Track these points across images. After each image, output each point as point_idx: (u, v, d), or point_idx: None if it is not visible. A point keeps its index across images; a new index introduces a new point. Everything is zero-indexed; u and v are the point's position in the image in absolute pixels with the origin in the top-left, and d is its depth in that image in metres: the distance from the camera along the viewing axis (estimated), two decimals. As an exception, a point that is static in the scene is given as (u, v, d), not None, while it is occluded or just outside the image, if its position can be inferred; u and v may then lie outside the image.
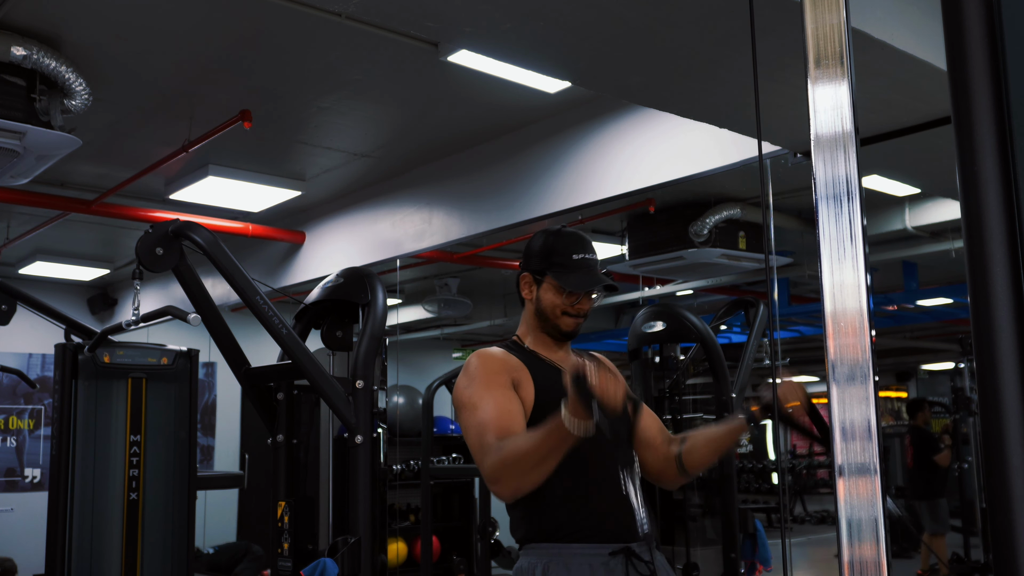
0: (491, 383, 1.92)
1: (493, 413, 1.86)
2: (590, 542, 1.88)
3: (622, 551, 1.89)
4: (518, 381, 1.96)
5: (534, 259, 2.10)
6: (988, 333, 0.82)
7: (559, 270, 2.05)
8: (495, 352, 2.03)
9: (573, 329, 2.07)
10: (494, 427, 1.83)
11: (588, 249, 2.09)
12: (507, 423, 1.85)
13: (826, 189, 0.91)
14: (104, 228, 6.77)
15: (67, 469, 4.02)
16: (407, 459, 7.29)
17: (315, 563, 2.63)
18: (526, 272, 2.11)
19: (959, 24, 0.86)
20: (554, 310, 2.06)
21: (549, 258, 2.07)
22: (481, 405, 1.88)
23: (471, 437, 1.89)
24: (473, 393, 1.92)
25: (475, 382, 1.94)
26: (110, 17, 3.57)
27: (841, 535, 0.88)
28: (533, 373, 1.99)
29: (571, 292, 2.04)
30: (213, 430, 9.16)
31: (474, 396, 1.91)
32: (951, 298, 8.11)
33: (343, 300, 3.16)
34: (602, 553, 1.88)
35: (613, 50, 2.76)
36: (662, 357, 4.62)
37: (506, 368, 1.97)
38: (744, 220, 5.87)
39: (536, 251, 2.10)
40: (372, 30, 3.55)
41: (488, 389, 1.91)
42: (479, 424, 1.86)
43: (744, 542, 4.22)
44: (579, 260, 2.06)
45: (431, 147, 5.20)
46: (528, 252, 2.12)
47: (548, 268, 2.06)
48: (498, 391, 1.91)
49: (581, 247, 2.08)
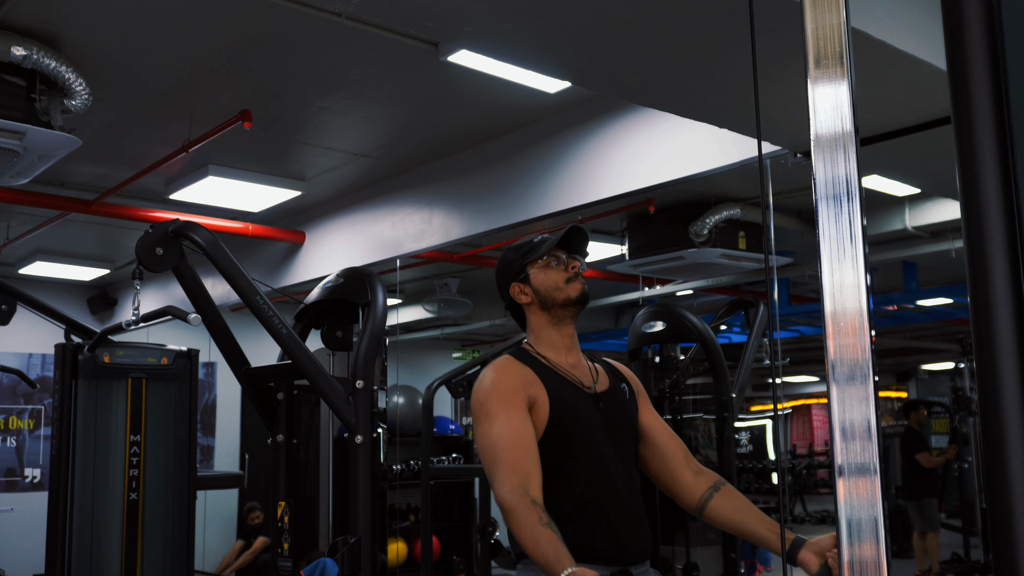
0: (508, 401, 1.94)
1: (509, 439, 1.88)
2: (591, 563, 1.86)
3: (621, 574, 1.91)
4: (534, 398, 1.96)
5: (511, 268, 2.14)
6: (988, 333, 0.82)
7: (532, 254, 2.11)
8: (511, 366, 2.02)
9: (581, 292, 2.09)
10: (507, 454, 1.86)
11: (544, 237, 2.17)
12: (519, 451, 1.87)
13: (826, 189, 0.91)
14: (104, 228, 6.77)
15: (67, 469, 4.02)
16: (407, 459, 7.29)
17: (315, 563, 2.63)
18: (512, 283, 2.13)
19: (959, 24, 0.86)
20: (553, 285, 2.08)
21: (519, 256, 2.13)
22: (496, 424, 1.91)
23: (484, 452, 1.92)
24: (491, 409, 1.93)
25: (492, 396, 1.95)
26: (110, 17, 3.57)
27: (841, 535, 0.88)
28: (548, 389, 1.99)
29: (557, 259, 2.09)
30: (213, 430, 9.16)
31: (491, 411, 1.93)
32: (951, 298, 8.11)
33: (343, 300, 3.15)
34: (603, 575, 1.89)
35: (613, 50, 2.76)
36: (662, 357, 4.62)
37: (523, 384, 1.98)
38: (744, 220, 5.87)
39: (505, 264, 2.16)
40: (372, 30, 3.55)
41: (505, 407, 1.92)
42: (492, 446, 1.89)
43: (744, 542, 4.22)
44: (540, 240, 2.13)
45: (431, 147, 5.20)
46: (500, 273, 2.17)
47: (523, 261, 2.12)
48: (514, 412, 1.92)
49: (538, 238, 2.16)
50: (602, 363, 2.19)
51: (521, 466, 1.84)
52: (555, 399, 1.98)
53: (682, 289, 7.77)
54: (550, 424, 1.95)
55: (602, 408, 2.04)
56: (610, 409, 2.05)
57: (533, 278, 2.10)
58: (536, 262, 2.10)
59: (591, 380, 2.08)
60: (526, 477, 1.83)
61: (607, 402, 2.06)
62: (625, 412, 2.10)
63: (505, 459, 1.85)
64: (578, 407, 2.01)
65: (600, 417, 2.02)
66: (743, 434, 13.76)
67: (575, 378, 2.05)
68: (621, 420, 2.07)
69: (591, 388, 2.06)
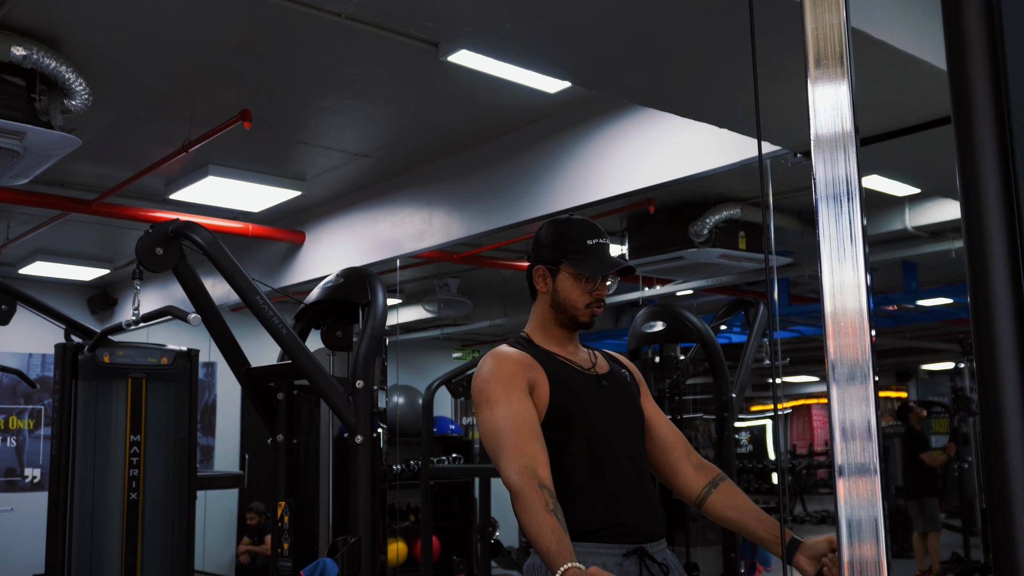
0: (508, 385, 1.90)
1: (511, 421, 1.84)
2: (606, 542, 1.87)
3: (636, 551, 1.88)
4: (534, 381, 1.94)
5: (546, 249, 2.04)
6: (988, 333, 0.82)
7: (575, 256, 2.00)
8: (510, 352, 1.99)
9: (592, 320, 2.04)
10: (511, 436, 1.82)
11: (601, 234, 2.04)
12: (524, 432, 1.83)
13: (826, 189, 0.91)
14: (104, 228, 6.77)
15: (67, 469, 4.02)
16: (407, 459, 7.29)
17: (315, 563, 2.63)
18: (539, 264, 2.05)
19: (959, 24, 0.86)
20: (573, 300, 2.01)
21: (563, 246, 2.02)
22: (498, 408, 1.87)
23: (487, 437, 1.88)
24: (491, 394, 1.89)
25: (491, 382, 1.91)
26: (110, 17, 3.57)
27: (841, 535, 0.88)
28: (548, 372, 1.96)
29: (589, 278, 1.99)
30: (213, 430, 9.16)
31: (491, 397, 1.89)
32: (951, 298, 8.10)
33: (343, 300, 3.15)
34: (616, 553, 1.87)
35: (613, 50, 2.76)
36: (662, 357, 4.62)
37: (522, 368, 1.94)
38: (744, 220, 5.86)
39: (548, 241, 2.05)
40: (372, 30, 3.55)
41: (505, 391, 1.89)
42: (495, 430, 1.85)
43: (744, 542, 4.22)
44: (593, 245, 2.01)
45: (431, 147, 5.20)
46: (539, 243, 2.07)
47: (563, 256, 2.01)
48: (515, 394, 1.88)
49: (594, 232, 2.03)
50: (601, 352, 2.17)
51: (527, 447, 1.80)
52: (555, 381, 1.96)
53: (682, 289, 7.76)
54: (551, 406, 1.93)
55: (605, 387, 2.02)
56: (612, 388, 2.04)
57: (560, 279, 2.03)
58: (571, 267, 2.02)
59: (590, 364, 2.07)
60: (532, 458, 1.78)
61: (609, 381, 2.04)
62: (628, 393, 2.08)
63: (509, 441, 1.81)
64: (578, 387, 1.98)
65: (603, 396, 2.00)
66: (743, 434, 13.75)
67: (574, 363, 2.03)
68: (624, 399, 2.05)
69: (591, 370, 2.05)
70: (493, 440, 1.85)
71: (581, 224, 2.05)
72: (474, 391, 1.95)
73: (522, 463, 1.77)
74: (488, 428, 1.87)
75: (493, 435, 1.85)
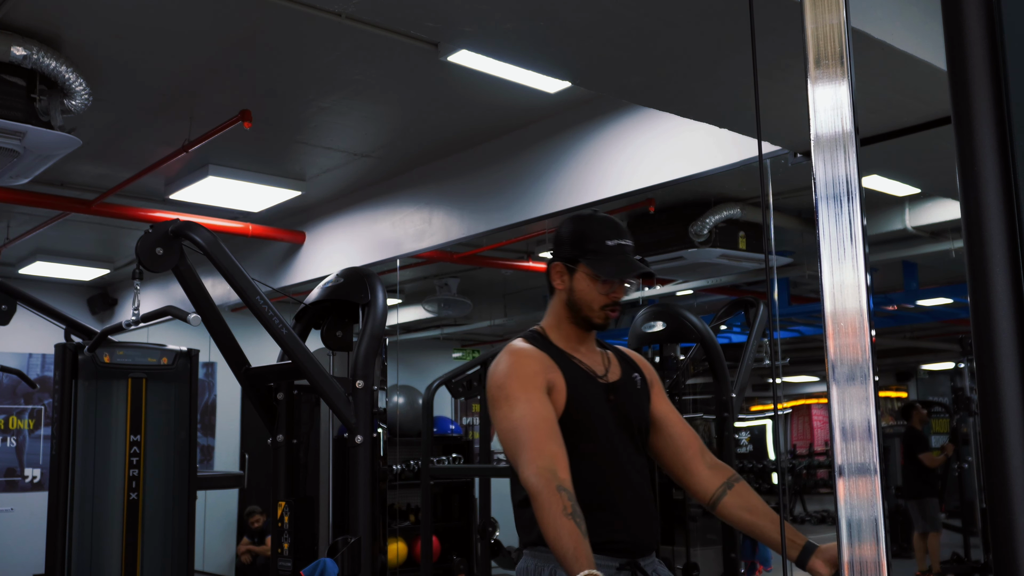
0: (528, 383, 1.87)
1: (530, 420, 1.82)
2: (602, 554, 1.85)
3: (629, 565, 1.89)
4: (552, 383, 1.92)
5: (566, 247, 2.02)
6: (988, 333, 0.82)
7: (593, 257, 1.97)
8: (529, 349, 1.97)
9: (606, 322, 2.01)
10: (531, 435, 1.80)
11: (623, 235, 2.01)
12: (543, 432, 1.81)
13: (826, 189, 0.91)
14: (104, 228, 6.77)
15: (67, 469, 4.02)
16: (407, 459, 7.29)
17: (315, 563, 2.63)
18: (557, 261, 2.03)
19: (959, 24, 0.86)
20: (588, 301, 1.99)
21: (582, 245, 1.99)
22: (517, 406, 1.84)
23: (505, 435, 1.86)
24: (510, 392, 1.87)
25: (510, 379, 1.88)
26: (110, 17, 3.57)
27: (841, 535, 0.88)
28: (566, 375, 1.95)
29: (606, 280, 1.97)
30: (213, 430, 9.16)
31: (511, 394, 1.86)
32: (951, 298, 8.10)
33: (343, 300, 3.15)
34: (611, 566, 1.87)
35: (613, 50, 2.76)
36: (662, 357, 4.62)
37: (543, 368, 1.92)
38: (744, 220, 5.86)
39: (568, 238, 2.02)
40: (372, 30, 3.55)
41: (525, 389, 1.86)
42: (514, 428, 1.83)
43: (744, 542, 4.22)
44: (614, 246, 1.98)
45: (431, 147, 5.20)
46: (559, 239, 2.04)
47: (581, 256, 1.99)
48: (534, 393, 1.86)
49: (615, 233, 2.00)
50: (615, 351, 2.14)
51: (547, 448, 1.77)
52: (572, 387, 1.94)
53: (682, 289, 7.76)
54: (566, 411, 1.91)
55: (612, 400, 2.01)
56: (620, 401, 2.02)
57: (577, 278, 2.00)
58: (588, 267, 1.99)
59: (603, 369, 2.05)
60: (552, 459, 1.76)
61: (618, 394, 2.03)
62: (636, 403, 2.07)
63: (529, 441, 1.78)
64: (591, 397, 1.97)
65: (610, 408, 1.99)
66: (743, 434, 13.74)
67: (588, 367, 2.01)
68: (631, 412, 2.04)
69: (603, 377, 2.03)
70: (512, 439, 1.82)
71: (603, 223, 2.02)
72: (491, 387, 1.91)
73: (541, 464, 1.74)
74: (506, 426, 1.85)
75: (512, 433, 1.83)
